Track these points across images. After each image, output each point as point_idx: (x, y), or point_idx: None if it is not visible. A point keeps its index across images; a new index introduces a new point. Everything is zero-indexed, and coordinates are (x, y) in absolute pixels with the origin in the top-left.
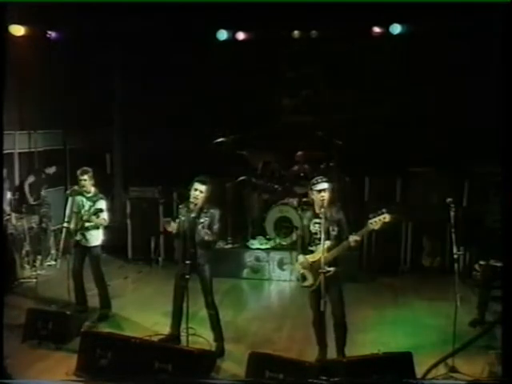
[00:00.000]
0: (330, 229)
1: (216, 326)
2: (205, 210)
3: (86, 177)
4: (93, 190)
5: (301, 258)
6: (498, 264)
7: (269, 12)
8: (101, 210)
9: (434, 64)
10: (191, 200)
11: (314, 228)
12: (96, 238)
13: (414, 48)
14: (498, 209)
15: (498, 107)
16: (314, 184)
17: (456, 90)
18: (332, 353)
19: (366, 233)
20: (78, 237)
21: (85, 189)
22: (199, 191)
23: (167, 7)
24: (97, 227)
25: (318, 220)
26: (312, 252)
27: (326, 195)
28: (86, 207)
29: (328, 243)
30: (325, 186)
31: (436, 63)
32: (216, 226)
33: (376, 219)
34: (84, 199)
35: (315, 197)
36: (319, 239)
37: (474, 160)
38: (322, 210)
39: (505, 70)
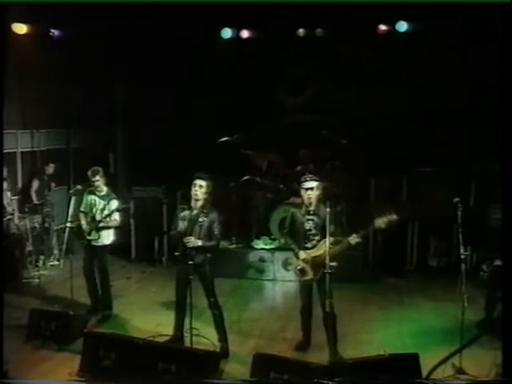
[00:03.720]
0: (328, 226)
1: (220, 326)
2: (205, 211)
3: (97, 177)
4: (105, 189)
5: (302, 253)
6: None
7: (274, 10)
8: (118, 210)
9: (440, 62)
10: (193, 197)
11: (308, 225)
12: (106, 237)
13: (421, 46)
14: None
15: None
16: (301, 182)
17: (463, 89)
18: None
19: (370, 232)
20: (91, 236)
21: (98, 188)
22: (199, 186)
23: (171, 5)
24: (107, 227)
25: (310, 217)
26: (307, 248)
27: (312, 193)
28: (100, 206)
29: (330, 240)
30: (312, 184)
31: (442, 61)
32: (217, 231)
33: (384, 218)
34: (97, 198)
35: (303, 194)
36: (314, 235)
37: (480, 159)
38: (310, 206)
39: (505, 70)
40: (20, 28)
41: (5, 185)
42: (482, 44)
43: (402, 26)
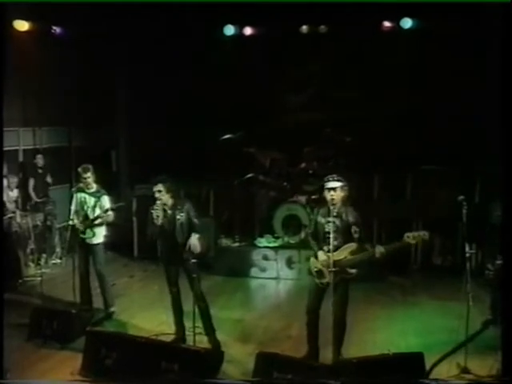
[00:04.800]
0: (353, 231)
1: (206, 319)
2: (179, 207)
3: (89, 174)
4: (95, 186)
5: (322, 254)
6: None
7: (277, 7)
8: (111, 209)
9: (445, 60)
10: (158, 202)
11: (327, 227)
12: (99, 235)
13: (426, 43)
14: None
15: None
16: (325, 182)
17: (470, 88)
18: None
19: (399, 247)
20: (85, 234)
21: (88, 186)
22: (158, 191)
23: (172, 2)
24: (101, 224)
25: (332, 219)
26: (325, 251)
27: (335, 194)
28: (91, 203)
29: (353, 245)
30: (335, 184)
31: (447, 59)
32: (195, 219)
33: (415, 234)
34: (87, 196)
35: (326, 195)
36: (333, 238)
37: (486, 157)
38: (334, 209)
39: (505, 70)
40: (21, 25)
41: (6, 182)
42: (484, 42)
43: (407, 23)
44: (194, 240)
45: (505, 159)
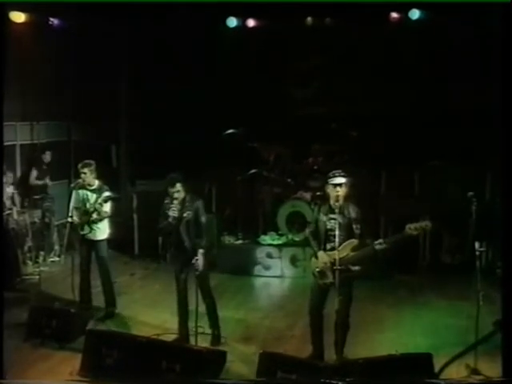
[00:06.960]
0: (354, 227)
1: (213, 314)
2: (186, 204)
3: (86, 170)
4: (96, 182)
5: (323, 255)
6: None
7: None
8: (110, 198)
9: (453, 54)
10: (175, 201)
11: (330, 224)
12: (102, 231)
13: (434, 36)
14: None
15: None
16: (330, 178)
17: (478, 83)
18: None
19: (400, 239)
20: (85, 231)
21: (87, 182)
22: (176, 191)
23: None
24: (102, 219)
25: (334, 216)
26: (325, 249)
27: (341, 190)
28: (92, 200)
29: (354, 242)
30: (341, 180)
31: (455, 53)
32: (203, 218)
33: (417, 225)
34: (88, 193)
35: (330, 191)
36: (335, 236)
37: (497, 154)
38: (337, 204)
39: (504, 70)
40: (18, 16)
41: (4, 178)
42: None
43: (415, 14)
44: (200, 256)
45: (505, 157)
